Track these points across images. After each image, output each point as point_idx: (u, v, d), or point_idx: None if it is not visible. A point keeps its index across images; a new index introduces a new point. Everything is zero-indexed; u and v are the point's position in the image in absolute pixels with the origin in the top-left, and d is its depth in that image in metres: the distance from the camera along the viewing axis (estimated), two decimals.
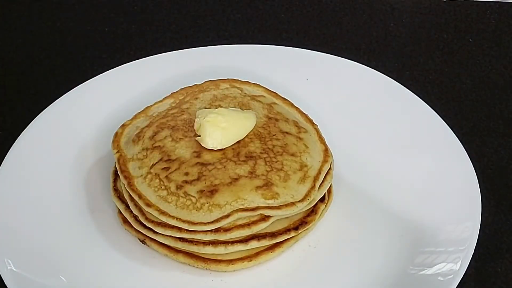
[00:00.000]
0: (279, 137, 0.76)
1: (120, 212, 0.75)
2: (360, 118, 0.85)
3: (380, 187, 0.78)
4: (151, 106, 0.82)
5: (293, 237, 0.72)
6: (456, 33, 1.03)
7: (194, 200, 0.70)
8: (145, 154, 0.75)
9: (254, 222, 0.70)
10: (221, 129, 0.74)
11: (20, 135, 0.82)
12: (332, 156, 0.76)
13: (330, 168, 0.75)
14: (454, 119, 0.84)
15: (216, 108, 0.78)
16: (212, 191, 0.70)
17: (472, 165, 0.77)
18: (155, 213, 0.70)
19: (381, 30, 1.03)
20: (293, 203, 0.71)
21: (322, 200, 0.74)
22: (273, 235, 0.71)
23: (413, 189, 0.77)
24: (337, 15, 1.06)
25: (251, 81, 0.85)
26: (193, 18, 1.06)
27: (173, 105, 0.81)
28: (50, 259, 0.71)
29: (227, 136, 0.74)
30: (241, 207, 0.70)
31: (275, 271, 0.72)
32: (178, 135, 0.76)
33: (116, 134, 0.79)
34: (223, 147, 0.74)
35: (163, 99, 0.83)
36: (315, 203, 0.73)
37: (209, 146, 0.73)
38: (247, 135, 0.75)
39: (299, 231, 0.72)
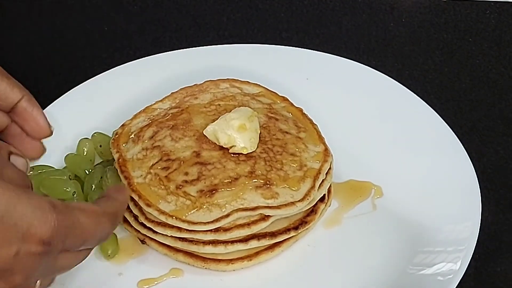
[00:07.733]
0: (279, 137, 0.76)
1: None
2: (360, 118, 0.85)
3: (380, 187, 0.78)
4: (151, 106, 0.82)
5: (293, 236, 0.72)
6: (455, 33, 1.03)
7: (193, 199, 0.70)
8: (145, 154, 0.75)
9: (254, 222, 0.70)
10: (248, 131, 0.73)
11: None
12: (332, 156, 0.76)
13: (330, 168, 0.75)
14: (454, 119, 0.84)
15: (216, 108, 0.78)
16: (212, 191, 0.70)
17: (472, 165, 0.77)
18: (155, 213, 0.70)
19: (380, 30, 1.03)
20: (293, 203, 0.71)
21: (322, 200, 0.74)
22: (273, 234, 0.71)
23: (413, 189, 0.77)
24: (337, 15, 1.06)
25: (251, 81, 0.85)
26: (193, 18, 1.06)
27: (173, 104, 0.81)
28: None
29: (252, 134, 0.74)
30: (241, 206, 0.70)
31: (275, 271, 0.72)
32: (178, 134, 0.76)
33: (116, 134, 0.79)
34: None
35: (163, 98, 0.83)
36: (315, 203, 0.73)
37: (249, 150, 0.73)
38: None
39: (299, 231, 0.72)
